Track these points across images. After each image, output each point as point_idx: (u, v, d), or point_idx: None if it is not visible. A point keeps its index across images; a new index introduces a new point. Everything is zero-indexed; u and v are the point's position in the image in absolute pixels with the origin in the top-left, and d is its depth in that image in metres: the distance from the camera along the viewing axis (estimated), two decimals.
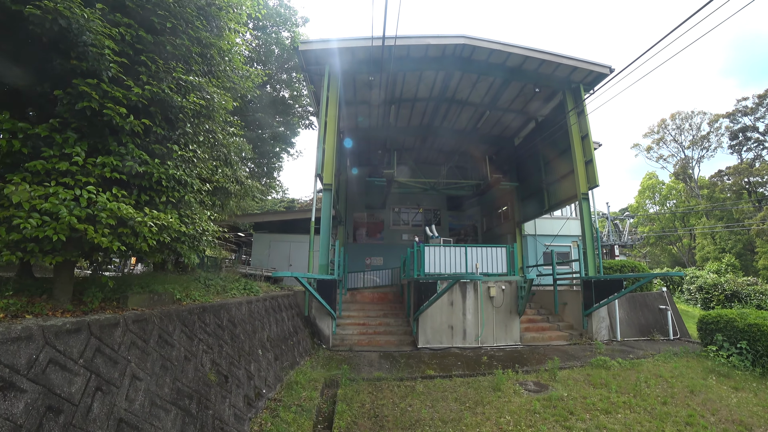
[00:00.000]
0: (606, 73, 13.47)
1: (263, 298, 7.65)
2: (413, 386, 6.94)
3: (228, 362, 5.19)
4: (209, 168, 4.76)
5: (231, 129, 5.77)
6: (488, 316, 10.40)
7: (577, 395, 6.72)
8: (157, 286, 5.11)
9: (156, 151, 3.89)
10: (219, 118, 4.81)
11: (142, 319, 3.99)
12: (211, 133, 4.47)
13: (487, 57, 13.47)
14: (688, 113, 42.39)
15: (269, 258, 15.49)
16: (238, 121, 6.17)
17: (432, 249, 11.36)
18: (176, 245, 4.19)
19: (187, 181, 4.03)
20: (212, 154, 5.16)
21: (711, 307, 19.39)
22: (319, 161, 10.86)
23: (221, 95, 4.65)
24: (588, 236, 12.27)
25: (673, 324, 12.21)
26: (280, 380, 6.49)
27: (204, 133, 4.38)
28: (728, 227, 33.60)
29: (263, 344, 6.53)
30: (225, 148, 5.55)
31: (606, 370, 8.14)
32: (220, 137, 5.21)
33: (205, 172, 4.56)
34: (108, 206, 3.23)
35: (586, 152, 13.06)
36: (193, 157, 4.27)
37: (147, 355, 3.84)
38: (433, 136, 19.90)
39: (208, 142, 4.59)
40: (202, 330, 4.95)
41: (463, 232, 22.86)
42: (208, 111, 4.32)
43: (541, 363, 8.60)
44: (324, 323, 9.97)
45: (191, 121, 4.24)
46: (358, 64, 13.04)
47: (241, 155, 6.70)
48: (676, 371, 8.15)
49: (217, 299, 6.20)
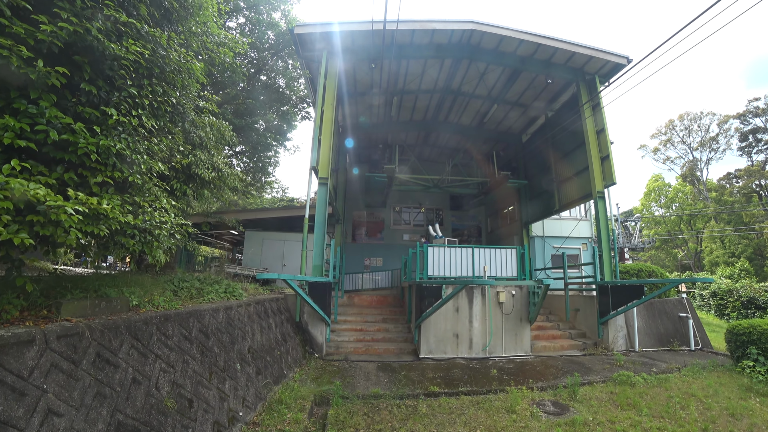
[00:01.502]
0: (623, 64, 12.60)
1: (247, 302, 6.77)
2: (415, 406, 6.07)
3: (194, 382, 4.32)
4: (166, 144, 3.87)
5: (202, 104, 4.90)
6: (497, 324, 9.52)
7: (603, 419, 5.85)
8: (109, 290, 4.25)
9: (86, 116, 3.03)
10: (180, 83, 3.93)
11: (73, 333, 3.12)
12: (164, 96, 3.57)
13: (496, 45, 12.60)
14: (697, 114, 41.47)
15: (262, 258, 14.63)
16: (212, 95, 5.30)
17: (436, 250, 10.48)
18: (122, 239, 3.33)
19: (132, 158, 3.18)
20: (173, 128, 4.25)
21: (726, 314, 18.51)
22: (315, 153, 9.99)
23: (182, 54, 3.78)
24: (604, 238, 11.38)
25: (695, 333, 11.31)
26: (261, 399, 5.61)
27: (154, 95, 3.45)
28: (738, 230, 32.67)
29: (243, 357, 5.65)
30: (196, 129, 4.68)
31: (631, 388, 7.26)
32: (191, 115, 4.35)
33: (159, 149, 3.67)
34: (11, 184, 2.36)
35: (602, 148, 12.17)
36: (140, 127, 3.38)
37: (76, 381, 2.98)
38: (436, 132, 19.04)
39: (164, 112, 3.71)
40: (162, 344, 4.08)
41: (466, 233, 21.97)
42: (162, 70, 3.46)
43: (556, 378, 7.72)
44: (317, 330, 9.10)
45: (135, 80, 3.32)
46: (358, 50, 12.19)
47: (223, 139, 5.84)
48: (710, 390, 7.27)
49: (189, 305, 5.34)
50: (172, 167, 4.87)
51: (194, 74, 4.06)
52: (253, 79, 13.17)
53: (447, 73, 14.27)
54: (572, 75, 13.29)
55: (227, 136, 5.89)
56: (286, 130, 14.96)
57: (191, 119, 4.75)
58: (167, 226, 3.66)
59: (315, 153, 10.05)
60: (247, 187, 14.85)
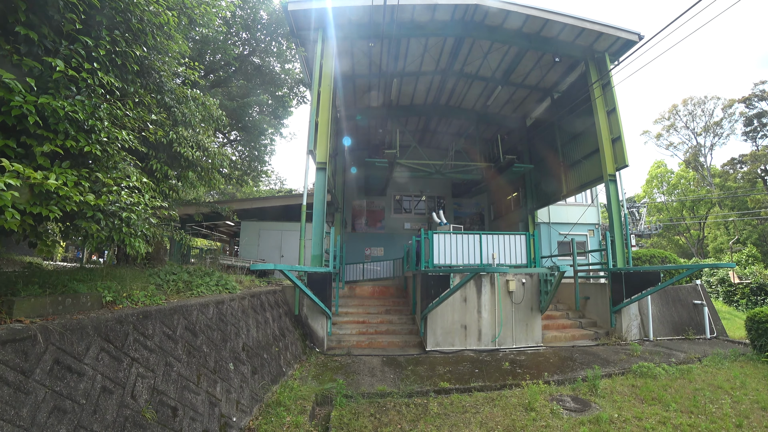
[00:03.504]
0: (634, 41, 11.97)
1: (241, 296, 6.26)
2: (425, 405, 5.61)
3: (179, 387, 3.82)
4: (135, 113, 3.24)
5: (181, 69, 4.29)
6: (506, 314, 9.05)
7: (629, 415, 5.40)
8: (78, 285, 3.72)
9: (25, 68, 2.46)
10: (152, 40, 3.31)
11: (23, 337, 2.60)
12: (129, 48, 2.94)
13: (501, 21, 11.91)
14: (701, 98, 40.64)
15: (259, 248, 14.09)
16: (197, 64, 4.68)
17: (442, 237, 9.95)
18: (83, 224, 2.78)
19: (90, 125, 2.61)
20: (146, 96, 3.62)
21: (735, 302, 18.13)
22: (312, 136, 9.39)
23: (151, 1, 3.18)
24: (616, 223, 10.87)
25: (710, 321, 10.89)
26: (258, 401, 5.13)
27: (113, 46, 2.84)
28: (744, 215, 32.20)
29: (236, 355, 5.16)
30: (178, 104, 4.08)
31: (653, 380, 6.82)
32: (169, 84, 3.75)
33: (123, 114, 3.07)
34: None
35: (613, 129, 11.60)
36: (98, 87, 2.79)
37: (26, 396, 2.46)
38: (437, 117, 18.41)
39: (131, 71, 3.12)
40: (140, 345, 3.57)
41: (468, 221, 21.48)
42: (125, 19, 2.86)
43: (573, 370, 7.27)
44: (317, 323, 8.62)
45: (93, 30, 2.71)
46: (355, 28, 11.51)
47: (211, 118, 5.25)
48: (737, 381, 6.83)
49: (174, 300, 4.82)
50: (152, 145, 4.30)
51: (169, 32, 3.45)
52: (246, 62, 12.46)
53: (449, 53, 13.60)
54: (581, 53, 12.65)
55: (215, 114, 5.29)
56: (281, 115, 14.28)
57: (170, 89, 4.15)
58: (139, 208, 3.11)
59: (312, 136, 9.46)
60: (242, 176, 14.21)
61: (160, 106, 4.17)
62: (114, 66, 3.04)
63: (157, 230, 5.10)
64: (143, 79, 3.40)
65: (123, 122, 3.08)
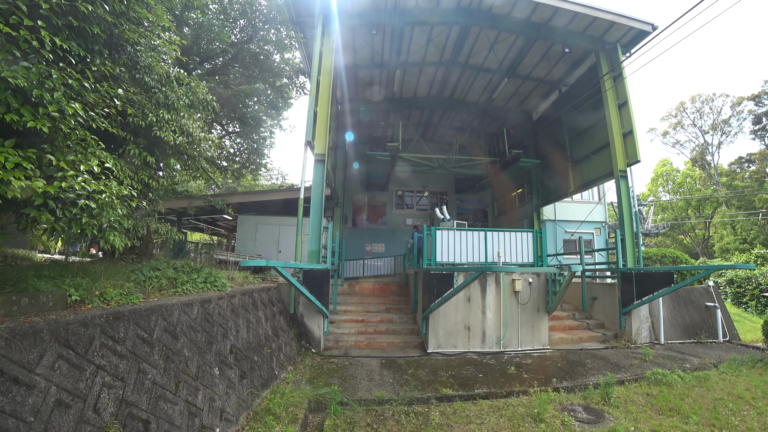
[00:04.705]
0: (648, 31, 11.46)
1: (231, 293, 5.87)
2: (427, 414, 5.22)
3: (153, 396, 3.43)
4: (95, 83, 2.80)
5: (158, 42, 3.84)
6: (512, 315, 8.65)
7: (646, 428, 5.01)
8: (40, 282, 3.32)
9: None
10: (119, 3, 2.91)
11: None
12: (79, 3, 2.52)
13: (509, 10, 11.41)
14: (709, 95, 39.91)
15: (256, 243, 13.71)
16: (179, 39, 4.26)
17: (445, 233, 9.53)
18: (32, 213, 2.39)
19: (34, 95, 2.21)
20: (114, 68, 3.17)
21: (744, 303, 17.67)
22: (310, 126, 8.96)
23: None
24: (627, 221, 10.43)
25: (723, 324, 10.47)
26: (246, 408, 4.75)
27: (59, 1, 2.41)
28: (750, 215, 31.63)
29: (223, 359, 4.77)
30: (161, 86, 3.65)
31: (669, 388, 6.42)
32: (146, 59, 3.31)
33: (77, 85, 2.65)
34: None
35: (625, 123, 11.12)
36: (42, 49, 2.36)
37: None
38: (441, 110, 17.93)
39: (91, 34, 2.69)
40: (109, 350, 3.18)
41: (471, 217, 21.03)
42: None
43: (583, 376, 6.87)
44: (314, 322, 8.23)
45: None
46: (357, 14, 11.03)
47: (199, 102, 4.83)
48: (758, 390, 6.42)
49: (154, 298, 4.42)
50: (130, 129, 3.88)
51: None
52: (243, 50, 12.01)
53: (454, 44, 13.12)
54: (591, 44, 12.14)
55: (201, 97, 4.84)
56: (281, 106, 13.83)
57: (147, 64, 3.72)
58: (103, 197, 2.71)
59: (310, 127, 9.02)
60: (240, 169, 13.79)
61: (137, 84, 3.75)
62: (70, 29, 2.62)
63: (138, 222, 4.71)
64: (114, 52, 2.99)
65: (84, 97, 2.67)
